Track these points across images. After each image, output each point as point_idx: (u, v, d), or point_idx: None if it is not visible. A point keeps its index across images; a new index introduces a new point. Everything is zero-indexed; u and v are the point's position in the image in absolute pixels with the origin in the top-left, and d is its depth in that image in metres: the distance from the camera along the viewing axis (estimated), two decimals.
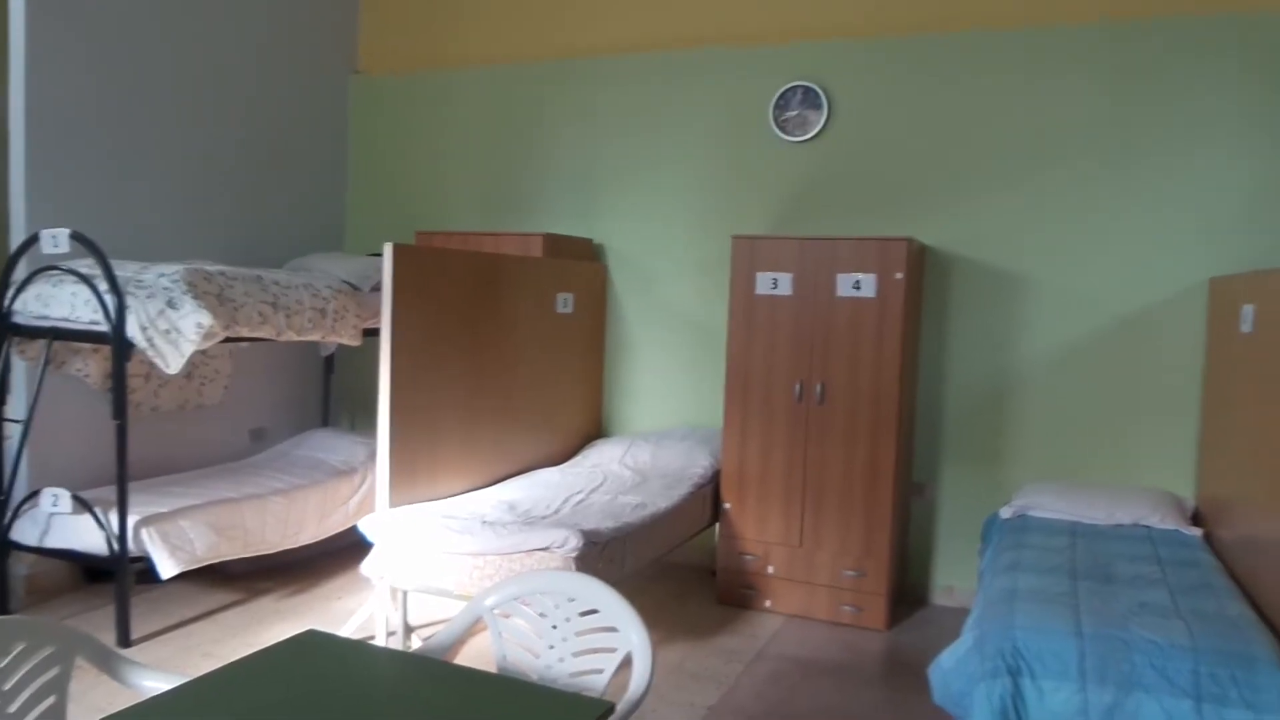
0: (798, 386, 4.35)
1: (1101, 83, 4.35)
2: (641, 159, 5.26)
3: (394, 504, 3.66)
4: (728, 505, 4.51)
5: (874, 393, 4.22)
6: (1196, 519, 4.02)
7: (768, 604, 4.46)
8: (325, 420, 5.78)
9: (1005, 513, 4.08)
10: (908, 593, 4.76)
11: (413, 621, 3.89)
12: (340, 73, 5.95)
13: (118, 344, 3.69)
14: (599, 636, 2.17)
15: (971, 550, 4.57)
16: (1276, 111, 4.08)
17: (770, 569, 4.44)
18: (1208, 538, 3.77)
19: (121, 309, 3.68)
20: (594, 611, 2.19)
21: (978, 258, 4.59)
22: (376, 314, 4.47)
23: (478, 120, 5.67)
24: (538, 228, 5.49)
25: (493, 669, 2.13)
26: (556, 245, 4.99)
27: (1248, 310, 3.41)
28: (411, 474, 3.78)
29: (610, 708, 1.70)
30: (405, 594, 3.75)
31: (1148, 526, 3.85)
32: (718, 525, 4.59)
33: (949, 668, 2.84)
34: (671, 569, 5.06)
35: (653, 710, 3.36)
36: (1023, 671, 2.61)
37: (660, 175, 5.22)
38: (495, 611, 2.27)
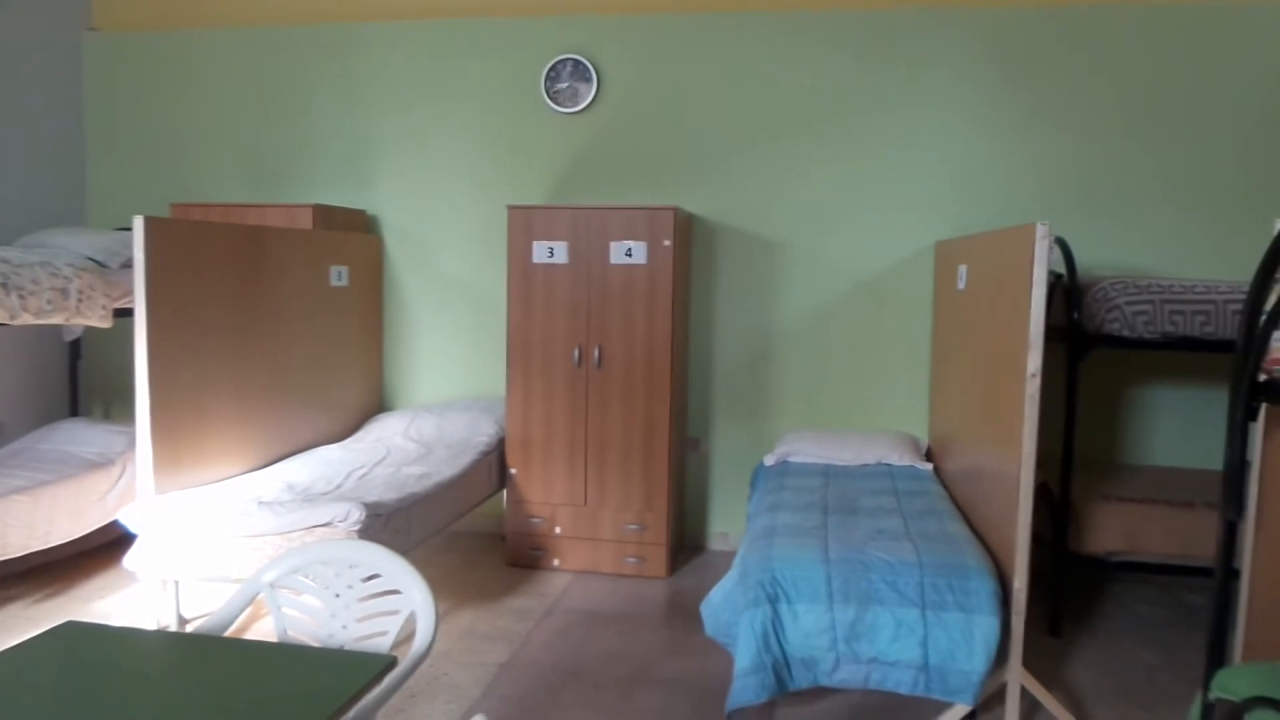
0: (576, 352, 4.50)
1: (845, 64, 4.76)
2: (414, 129, 5.19)
3: (159, 492, 3.48)
4: (514, 471, 4.61)
5: (648, 355, 4.44)
6: (929, 455, 4.56)
7: (556, 563, 4.61)
8: (74, 410, 5.33)
9: (769, 460, 4.43)
10: (687, 541, 5.08)
11: (186, 614, 3.72)
12: (71, 29, 5.42)
13: None
14: (382, 601, 2.21)
15: (743, 497, 4.93)
16: (989, 95, 4.64)
17: (557, 529, 4.59)
18: (937, 471, 4.29)
19: None
20: (376, 576, 2.23)
21: (739, 226, 4.92)
22: (128, 293, 4.18)
23: (235, 84, 5.36)
24: (306, 199, 5.30)
25: None
26: (327, 217, 4.84)
27: (962, 269, 3.90)
28: (176, 459, 3.60)
29: (392, 661, 1.76)
30: (177, 585, 3.58)
31: (889, 464, 4.32)
32: (505, 491, 4.68)
33: (718, 602, 3.10)
34: (461, 537, 5.11)
35: (444, 674, 3.42)
36: (780, 598, 2.90)
37: (434, 146, 5.18)
38: (274, 587, 2.25)
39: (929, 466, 4.29)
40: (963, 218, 4.70)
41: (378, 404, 5.25)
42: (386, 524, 3.47)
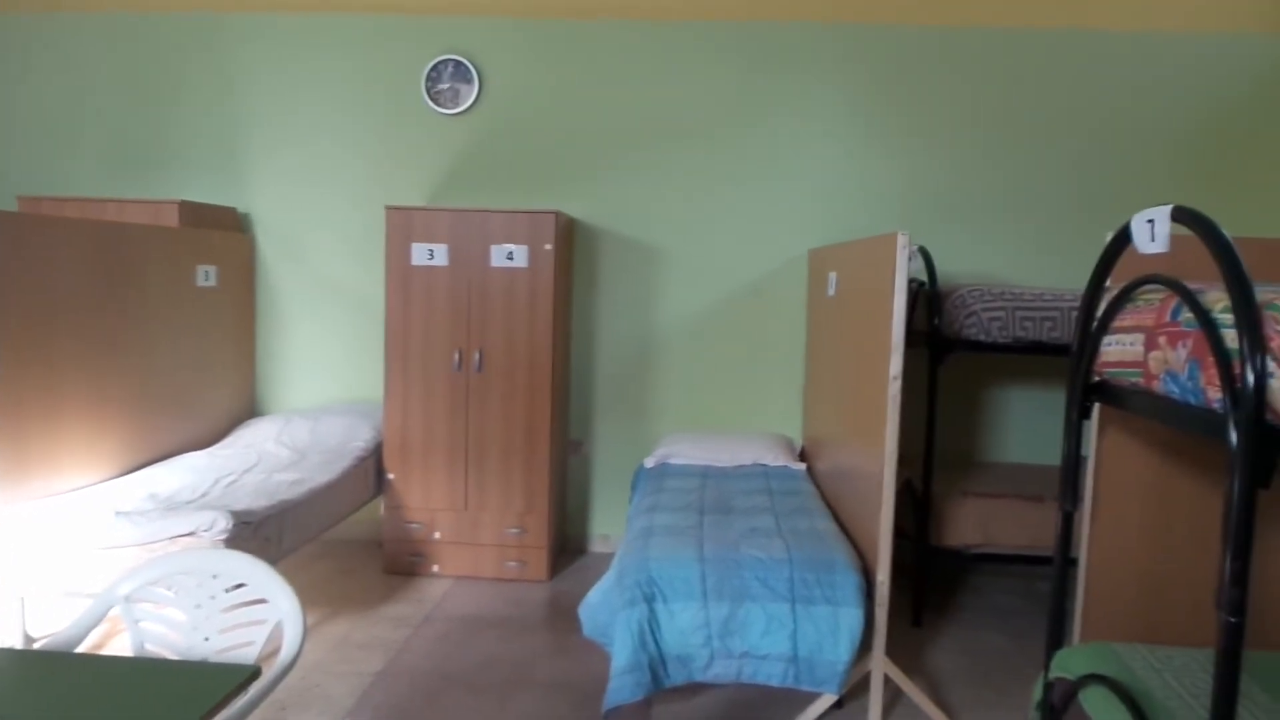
0: (456, 355, 4.46)
1: (723, 74, 4.87)
2: (290, 125, 5.04)
3: (6, 502, 3.27)
4: (391, 476, 4.53)
5: (529, 358, 4.44)
6: (803, 455, 4.71)
7: (435, 569, 4.56)
8: None
9: (649, 462, 4.49)
10: (568, 544, 5.10)
11: (34, 633, 3.50)
12: None
13: None
14: (247, 610, 2.15)
15: (624, 499, 4.99)
16: (860, 108, 4.84)
17: (436, 535, 4.54)
18: (810, 470, 4.44)
19: None
20: (241, 586, 2.17)
21: (620, 231, 4.97)
22: None
23: (95, 71, 5.08)
24: (171, 195, 5.08)
25: None
26: (194, 214, 4.65)
27: (832, 276, 4.05)
28: (24, 468, 3.39)
29: (256, 671, 1.71)
30: (23, 602, 3.37)
31: (764, 465, 4.44)
32: (383, 497, 4.59)
33: (595, 603, 3.13)
34: (337, 545, 4.98)
35: (317, 685, 3.34)
36: (656, 597, 2.95)
37: (311, 143, 5.04)
38: (130, 600, 2.16)
39: (802, 466, 4.43)
40: (836, 226, 4.89)
41: (248, 409, 5.07)
42: (256, 532, 3.36)
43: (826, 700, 3.12)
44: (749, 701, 3.33)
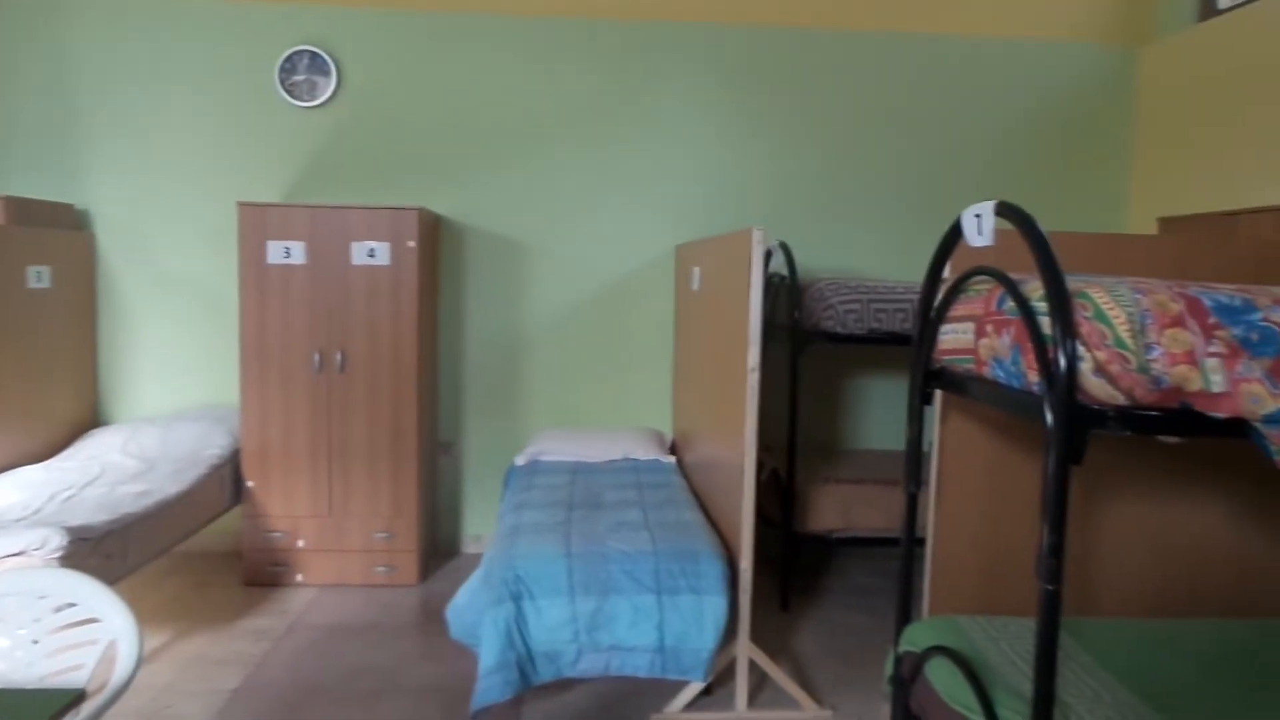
0: (317, 356, 4.32)
1: (590, 71, 4.88)
2: (132, 116, 4.75)
3: None
4: (250, 484, 4.35)
5: (394, 358, 4.34)
6: (673, 449, 4.77)
7: (300, 578, 4.40)
8: None
9: (520, 460, 4.47)
10: (440, 546, 5.01)
11: None
12: None
13: None
14: (78, 631, 2.02)
15: (497, 499, 4.93)
16: (730, 108, 4.93)
17: (300, 543, 4.38)
18: (680, 463, 4.50)
19: None
20: (71, 605, 2.04)
21: (487, 227, 4.92)
22: None
23: None
24: None
25: None
26: (22, 211, 4.33)
27: (696, 271, 4.12)
28: None
29: (80, 694, 1.61)
30: None
31: (634, 459, 4.48)
32: (241, 506, 4.40)
33: (463, 604, 3.10)
34: (192, 558, 4.75)
35: (168, 706, 3.17)
36: (523, 595, 2.93)
37: (156, 135, 4.77)
38: None
39: (672, 460, 4.49)
40: (702, 222, 4.97)
41: (91, 418, 4.76)
42: (96, 549, 3.17)
43: (695, 688, 3.18)
44: (618, 694, 3.36)
